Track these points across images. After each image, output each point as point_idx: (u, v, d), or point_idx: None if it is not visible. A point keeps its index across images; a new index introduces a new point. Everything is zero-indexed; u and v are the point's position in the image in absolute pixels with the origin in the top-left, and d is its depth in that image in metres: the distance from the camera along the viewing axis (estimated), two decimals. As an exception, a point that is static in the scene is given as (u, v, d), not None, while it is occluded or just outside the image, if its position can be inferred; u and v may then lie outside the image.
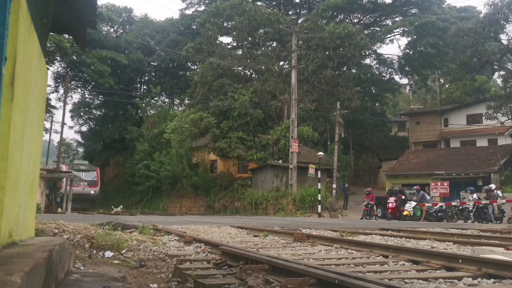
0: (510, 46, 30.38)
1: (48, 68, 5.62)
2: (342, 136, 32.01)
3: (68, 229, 7.03)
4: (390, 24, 39.76)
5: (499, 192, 18.83)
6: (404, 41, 60.11)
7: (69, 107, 51.58)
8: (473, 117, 36.40)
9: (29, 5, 2.96)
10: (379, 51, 41.64)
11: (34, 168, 4.04)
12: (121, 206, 29.87)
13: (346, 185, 29.10)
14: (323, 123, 33.16)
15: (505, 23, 28.94)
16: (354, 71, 36.23)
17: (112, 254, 5.43)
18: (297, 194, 23.97)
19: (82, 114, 52.92)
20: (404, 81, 49.65)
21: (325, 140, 34.79)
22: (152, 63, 50.03)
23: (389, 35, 39.65)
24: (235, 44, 39.04)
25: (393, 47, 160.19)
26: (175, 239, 7.52)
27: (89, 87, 48.46)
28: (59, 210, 23.49)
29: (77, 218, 12.90)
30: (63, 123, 31.97)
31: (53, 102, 45.78)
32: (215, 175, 32.84)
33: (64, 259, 3.55)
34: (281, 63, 35.29)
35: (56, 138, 78.48)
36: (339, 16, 38.65)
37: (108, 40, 47.40)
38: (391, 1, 38.34)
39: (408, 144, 40.67)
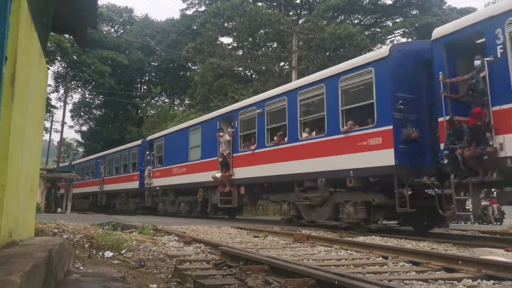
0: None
1: (48, 68, 5.62)
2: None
3: (68, 229, 7.03)
4: (390, 25, 39.71)
5: None
6: (404, 42, 60.01)
7: (69, 107, 51.62)
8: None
9: (29, 5, 2.96)
10: (379, 52, 41.61)
11: (34, 168, 4.04)
12: None
13: None
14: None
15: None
16: (354, 72, 36.14)
17: (111, 254, 5.43)
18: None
19: (82, 114, 52.91)
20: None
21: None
22: (152, 63, 50.01)
23: (390, 36, 39.61)
24: (235, 45, 39.01)
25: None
26: (174, 239, 7.52)
27: (90, 87, 48.44)
28: (59, 210, 23.44)
29: (77, 218, 12.90)
30: (63, 123, 32.02)
31: (53, 102, 45.81)
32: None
33: (64, 259, 3.55)
34: (282, 63, 35.26)
35: (56, 137, 78.45)
36: (340, 17, 38.59)
37: (108, 40, 47.37)
38: (391, 2, 38.32)
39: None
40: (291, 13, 41.95)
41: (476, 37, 7.67)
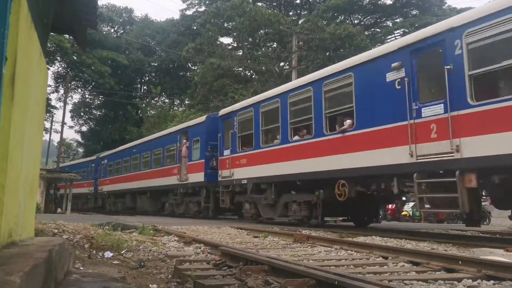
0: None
1: (48, 68, 5.62)
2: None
3: (68, 229, 7.03)
4: (390, 25, 39.70)
5: None
6: (404, 42, 59.83)
7: (69, 107, 51.66)
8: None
9: (29, 5, 2.96)
10: (379, 52, 41.50)
11: (34, 168, 4.04)
12: None
13: None
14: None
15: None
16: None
17: (111, 254, 5.43)
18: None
19: (82, 114, 52.92)
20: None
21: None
22: (152, 64, 50.00)
23: (390, 36, 39.57)
24: (235, 45, 39.01)
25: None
26: (174, 240, 7.52)
27: (89, 87, 48.46)
28: (59, 210, 23.45)
29: (77, 218, 12.90)
30: (63, 123, 31.98)
31: (53, 102, 45.84)
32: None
33: (63, 259, 3.55)
34: (282, 64, 35.24)
35: (56, 138, 78.55)
36: (340, 17, 38.57)
37: (108, 40, 47.37)
38: (391, 2, 38.32)
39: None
40: (291, 13, 41.94)
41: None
